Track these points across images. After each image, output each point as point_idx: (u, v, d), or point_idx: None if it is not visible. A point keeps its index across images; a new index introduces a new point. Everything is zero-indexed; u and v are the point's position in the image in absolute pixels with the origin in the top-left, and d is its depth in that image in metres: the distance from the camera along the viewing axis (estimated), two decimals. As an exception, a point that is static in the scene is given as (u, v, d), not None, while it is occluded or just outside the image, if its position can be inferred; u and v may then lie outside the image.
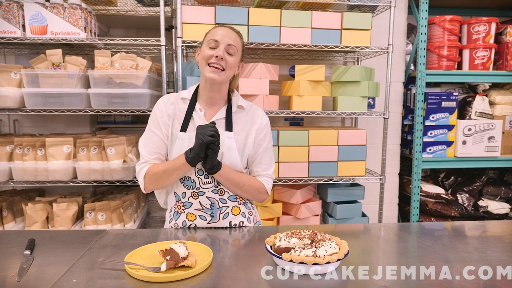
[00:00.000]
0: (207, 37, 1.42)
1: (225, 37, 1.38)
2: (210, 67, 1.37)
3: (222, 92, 1.46)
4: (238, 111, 1.49)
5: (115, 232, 1.34)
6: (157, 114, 1.46)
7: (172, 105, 1.46)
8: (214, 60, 1.37)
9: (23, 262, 1.05)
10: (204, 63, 1.39)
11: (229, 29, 1.42)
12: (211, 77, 1.37)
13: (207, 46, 1.39)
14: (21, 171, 2.07)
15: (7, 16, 2.03)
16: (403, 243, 1.31)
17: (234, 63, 1.41)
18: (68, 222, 2.13)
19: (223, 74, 1.39)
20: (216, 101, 1.47)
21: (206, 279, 0.98)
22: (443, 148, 2.72)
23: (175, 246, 1.03)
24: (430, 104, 2.68)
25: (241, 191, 1.44)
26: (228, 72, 1.41)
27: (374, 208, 2.87)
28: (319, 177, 2.32)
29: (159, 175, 1.39)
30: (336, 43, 2.25)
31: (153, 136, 1.45)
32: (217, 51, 1.37)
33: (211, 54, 1.37)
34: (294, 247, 1.05)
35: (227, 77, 1.42)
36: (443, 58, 2.68)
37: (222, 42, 1.38)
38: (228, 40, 1.38)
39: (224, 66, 1.38)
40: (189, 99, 1.46)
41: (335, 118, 2.86)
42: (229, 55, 1.39)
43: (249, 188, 1.45)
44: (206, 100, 1.46)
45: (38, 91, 2.02)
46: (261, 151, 1.49)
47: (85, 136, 2.25)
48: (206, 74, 1.38)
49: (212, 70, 1.37)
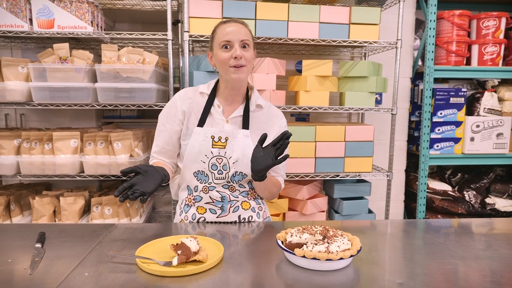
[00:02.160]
0: (217, 38, 1.38)
1: (236, 34, 1.35)
2: (232, 67, 1.35)
3: (242, 89, 1.46)
4: (256, 110, 1.48)
5: (124, 226, 1.34)
6: (171, 110, 1.46)
7: (189, 100, 1.45)
8: (233, 61, 1.34)
9: (35, 255, 1.05)
10: (226, 67, 1.36)
11: (235, 24, 1.39)
12: (237, 77, 1.36)
13: (221, 49, 1.36)
14: (29, 165, 2.07)
15: (14, 10, 2.02)
16: (414, 239, 1.30)
17: (251, 56, 1.40)
18: (75, 216, 2.13)
19: (245, 70, 1.38)
20: (236, 98, 1.46)
21: (218, 274, 0.98)
22: (450, 144, 2.70)
23: (187, 240, 1.03)
24: (438, 100, 2.65)
25: (269, 192, 1.49)
26: (249, 65, 1.40)
27: (380, 204, 2.86)
28: (326, 173, 2.31)
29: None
30: (344, 38, 2.23)
31: (163, 130, 1.47)
32: (234, 51, 1.34)
33: (228, 56, 1.35)
34: (306, 242, 1.04)
35: (249, 71, 1.42)
36: (452, 53, 2.65)
37: (235, 41, 1.35)
38: (239, 36, 1.35)
39: (244, 62, 1.36)
40: (207, 94, 1.45)
41: (342, 114, 2.85)
42: (244, 49, 1.37)
43: (275, 188, 1.50)
44: (226, 98, 1.46)
45: (45, 85, 2.02)
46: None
47: (92, 131, 2.24)
48: (231, 76, 1.36)
49: (236, 70, 1.35)
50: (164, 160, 1.49)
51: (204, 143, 1.39)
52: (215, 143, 1.39)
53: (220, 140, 1.40)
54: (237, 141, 1.40)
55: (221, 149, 1.40)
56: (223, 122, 1.43)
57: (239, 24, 1.39)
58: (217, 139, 1.40)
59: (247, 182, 1.47)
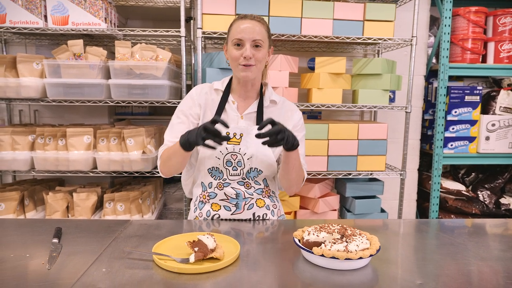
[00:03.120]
0: (231, 35, 1.38)
1: (248, 33, 1.34)
2: (241, 65, 1.35)
3: (255, 86, 1.45)
4: (270, 106, 1.47)
5: (139, 223, 1.34)
6: (188, 103, 1.45)
7: (205, 95, 1.45)
8: (243, 60, 1.34)
9: (52, 250, 1.06)
10: (235, 64, 1.37)
11: (250, 21, 1.36)
12: (244, 75, 1.36)
13: (233, 46, 1.36)
14: (43, 161, 2.09)
15: (29, 7, 2.03)
16: (432, 239, 1.28)
17: (263, 55, 1.38)
18: (88, 211, 2.14)
19: (255, 69, 1.37)
20: (250, 94, 1.46)
21: (235, 272, 0.97)
22: (465, 143, 2.66)
23: (203, 237, 1.02)
24: (452, 98, 2.61)
25: (296, 174, 1.39)
26: (259, 65, 1.38)
27: (392, 204, 2.83)
28: (338, 171, 2.29)
29: (165, 158, 1.38)
30: (358, 35, 2.21)
31: (179, 123, 1.44)
32: (244, 51, 1.33)
33: (239, 54, 1.34)
34: (324, 241, 1.03)
35: (259, 70, 1.41)
36: (467, 51, 2.60)
37: (247, 40, 1.34)
38: (252, 35, 1.34)
39: (254, 62, 1.35)
40: (222, 90, 1.46)
41: (354, 112, 2.82)
42: (256, 49, 1.35)
43: (301, 172, 1.42)
44: (240, 94, 1.46)
45: (59, 81, 2.03)
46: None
47: (105, 127, 2.25)
48: (239, 74, 1.37)
49: (244, 69, 1.35)
50: None
51: None
52: (230, 140, 1.39)
53: (235, 136, 1.39)
54: (251, 137, 1.39)
55: (235, 145, 1.39)
56: (237, 118, 1.43)
57: (255, 22, 1.37)
58: (232, 135, 1.39)
59: (262, 179, 1.46)
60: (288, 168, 1.37)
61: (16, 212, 2.09)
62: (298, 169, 1.39)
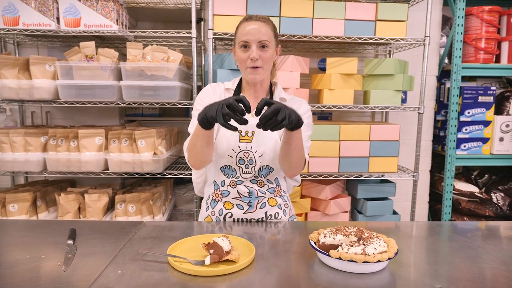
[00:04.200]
0: (237, 37, 1.39)
1: (254, 35, 1.34)
2: (249, 68, 1.36)
3: (264, 85, 1.47)
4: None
5: (152, 224, 1.34)
6: (205, 97, 1.45)
7: (219, 95, 1.47)
8: (250, 62, 1.35)
9: (67, 252, 1.06)
10: (243, 66, 1.38)
11: (256, 22, 1.36)
12: (252, 78, 1.38)
13: (240, 48, 1.37)
14: (55, 162, 2.10)
15: (42, 9, 2.05)
16: (449, 242, 1.26)
17: (270, 55, 1.38)
18: (99, 213, 2.15)
19: (262, 71, 1.38)
20: (259, 94, 1.47)
21: (251, 275, 0.96)
22: (478, 144, 2.62)
23: (219, 240, 1.01)
24: (465, 99, 2.57)
25: (297, 156, 1.31)
26: (266, 66, 1.39)
27: (403, 205, 2.80)
28: (350, 173, 2.27)
29: (190, 147, 1.35)
30: (370, 35, 2.18)
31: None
32: (250, 52, 1.34)
33: (246, 56, 1.35)
34: (341, 244, 1.01)
35: (267, 71, 1.41)
36: (481, 50, 2.57)
37: (253, 42, 1.34)
38: (258, 36, 1.34)
39: (261, 63, 1.36)
40: (233, 90, 1.48)
41: (365, 113, 2.79)
42: (262, 49, 1.36)
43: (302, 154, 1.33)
44: (249, 94, 1.47)
45: (72, 83, 2.04)
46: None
47: (116, 128, 2.26)
48: (247, 76, 1.39)
49: (251, 71, 1.37)
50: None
51: (232, 138, 1.39)
52: (242, 138, 1.40)
53: (247, 134, 1.40)
54: (262, 134, 1.40)
55: (247, 143, 1.40)
56: (248, 116, 1.43)
57: (260, 23, 1.37)
58: (244, 133, 1.40)
59: (274, 178, 1.46)
60: (290, 149, 1.29)
61: (29, 213, 2.11)
62: (300, 150, 1.30)
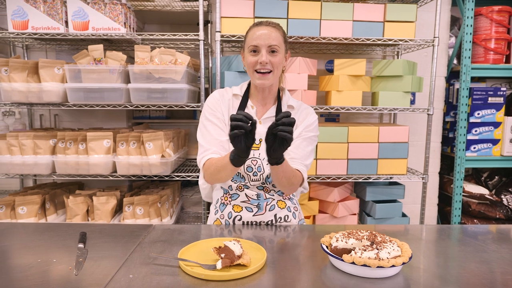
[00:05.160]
0: (247, 42, 1.39)
1: (264, 40, 1.34)
2: (258, 73, 1.35)
3: (272, 92, 1.46)
4: (288, 110, 1.45)
5: (162, 227, 1.34)
6: (213, 104, 1.44)
7: (226, 102, 1.46)
8: (259, 66, 1.35)
9: (79, 255, 1.06)
10: (251, 70, 1.37)
11: (266, 27, 1.36)
12: (261, 83, 1.37)
13: (249, 52, 1.37)
14: (64, 165, 2.11)
15: (51, 13, 2.06)
16: (463, 246, 1.24)
17: (280, 61, 1.37)
18: (108, 215, 2.15)
19: (271, 76, 1.37)
20: (267, 100, 1.46)
21: (263, 279, 0.95)
22: (488, 146, 2.59)
23: (230, 243, 1.00)
24: (475, 100, 2.55)
25: (288, 183, 1.34)
26: (276, 71, 1.38)
27: (412, 208, 2.78)
28: (358, 175, 2.25)
29: (213, 172, 1.34)
30: (379, 36, 2.17)
31: (211, 124, 1.41)
32: (260, 57, 1.34)
33: (255, 60, 1.35)
34: (353, 248, 1.00)
35: (276, 77, 1.40)
36: (490, 51, 2.54)
37: (263, 46, 1.34)
38: (268, 41, 1.34)
39: (271, 67, 1.35)
40: (241, 96, 1.46)
41: (372, 114, 2.77)
42: (272, 54, 1.35)
43: (294, 179, 1.35)
44: (258, 99, 1.46)
45: (80, 86, 2.05)
46: (301, 139, 1.42)
47: (123, 131, 2.27)
48: (255, 81, 1.38)
49: (260, 77, 1.36)
50: (219, 152, 1.39)
51: None
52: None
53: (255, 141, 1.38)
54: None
55: (255, 151, 1.39)
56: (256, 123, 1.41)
57: (271, 28, 1.37)
58: None
59: None
60: (278, 178, 1.31)
61: (38, 216, 2.11)
62: (288, 175, 1.31)
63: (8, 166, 2.11)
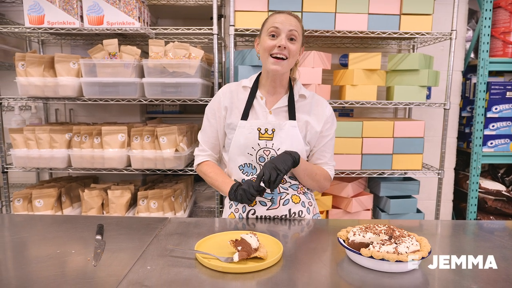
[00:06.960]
0: (267, 25, 1.37)
1: (286, 23, 1.33)
2: (273, 58, 1.34)
3: (284, 81, 1.44)
4: (300, 100, 1.46)
5: (178, 220, 1.34)
6: (215, 105, 1.48)
7: (229, 94, 1.46)
8: (276, 50, 1.33)
9: (97, 247, 1.07)
10: (267, 54, 1.36)
11: (288, 15, 1.37)
12: (274, 69, 1.35)
13: (268, 36, 1.35)
14: (79, 158, 2.13)
15: (66, 8, 2.08)
16: (482, 242, 1.21)
17: (297, 49, 1.37)
18: (122, 208, 2.18)
19: (286, 64, 1.35)
20: (278, 89, 1.45)
21: (280, 272, 0.95)
22: (506, 142, 2.53)
23: (247, 236, 1.00)
24: (493, 94, 2.49)
25: (311, 180, 1.43)
26: (291, 60, 1.37)
27: (427, 204, 2.74)
28: (373, 170, 2.23)
29: (207, 179, 1.49)
30: (395, 29, 2.14)
31: (208, 125, 1.50)
32: (279, 40, 1.33)
33: (273, 44, 1.34)
34: (371, 242, 0.99)
35: (290, 66, 1.39)
36: (509, 44, 2.48)
37: (283, 30, 1.33)
38: (289, 26, 1.34)
39: (287, 54, 1.34)
40: (249, 87, 1.45)
41: (387, 109, 2.74)
42: (291, 41, 1.35)
43: (320, 177, 1.45)
44: (268, 89, 1.45)
45: (95, 80, 2.07)
46: (327, 141, 1.47)
47: (138, 125, 2.28)
48: (269, 66, 1.36)
49: (275, 62, 1.34)
50: (213, 155, 1.52)
51: (250, 136, 1.38)
52: (261, 135, 1.38)
53: (267, 132, 1.38)
54: (284, 132, 1.38)
55: (268, 141, 1.38)
56: (266, 114, 1.41)
57: (291, 16, 1.38)
58: (264, 131, 1.38)
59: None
60: (300, 177, 1.43)
61: (54, 209, 2.15)
62: (311, 174, 1.42)
63: (25, 159, 2.14)
